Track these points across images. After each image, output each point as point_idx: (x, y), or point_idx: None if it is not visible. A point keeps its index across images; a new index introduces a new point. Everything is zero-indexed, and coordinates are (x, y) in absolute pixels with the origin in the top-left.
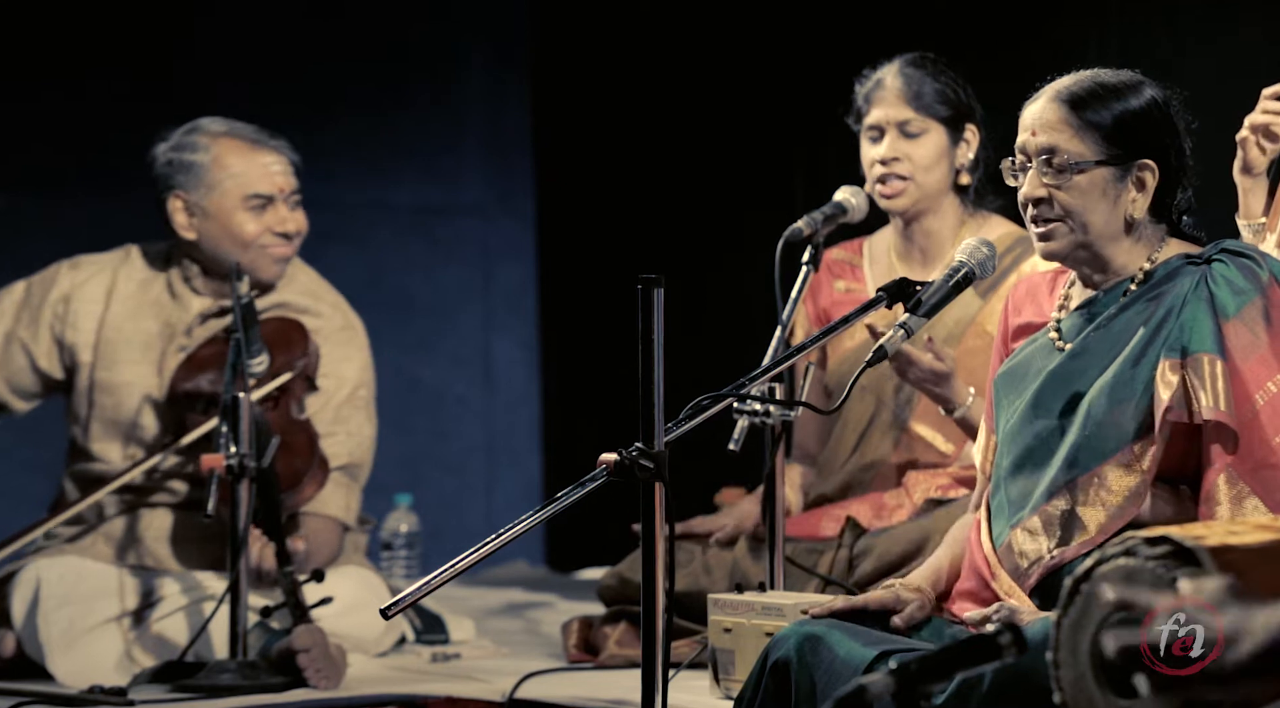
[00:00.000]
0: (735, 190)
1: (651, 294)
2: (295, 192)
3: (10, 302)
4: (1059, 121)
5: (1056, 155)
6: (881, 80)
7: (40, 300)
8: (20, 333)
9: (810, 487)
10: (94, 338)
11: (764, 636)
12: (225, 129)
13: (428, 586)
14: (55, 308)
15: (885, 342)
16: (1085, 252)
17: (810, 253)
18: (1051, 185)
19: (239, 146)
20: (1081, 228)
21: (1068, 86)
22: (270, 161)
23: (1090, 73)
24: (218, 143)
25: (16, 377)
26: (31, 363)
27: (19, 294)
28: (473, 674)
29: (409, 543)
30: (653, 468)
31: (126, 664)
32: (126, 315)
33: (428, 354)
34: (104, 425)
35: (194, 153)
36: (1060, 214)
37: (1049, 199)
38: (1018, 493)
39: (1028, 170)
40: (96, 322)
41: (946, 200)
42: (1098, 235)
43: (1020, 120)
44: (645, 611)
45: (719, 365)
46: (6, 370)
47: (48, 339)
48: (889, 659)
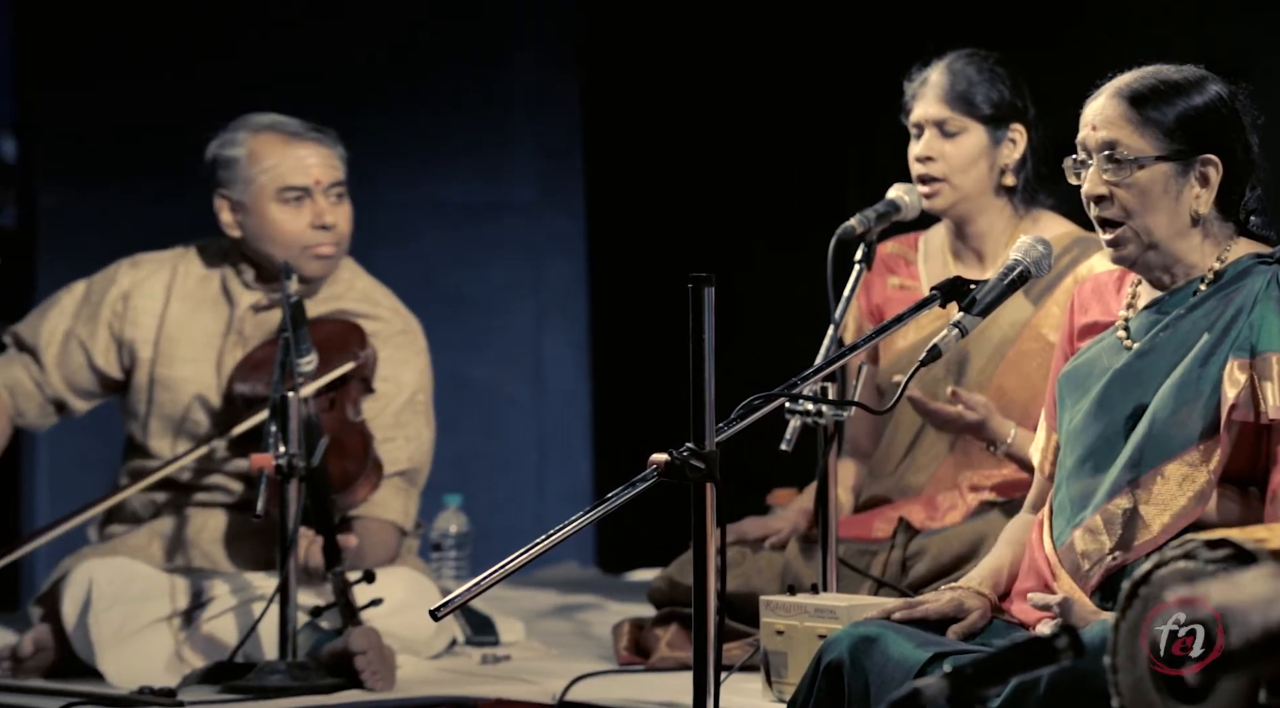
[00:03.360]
0: (787, 187)
1: (702, 292)
2: (336, 184)
3: (70, 300)
4: (1120, 117)
5: (1116, 151)
6: (927, 78)
7: (99, 299)
8: (78, 331)
9: (862, 487)
10: (154, 334)
11: (817, 638)
12: (267, 123)
13: (477, 587)
14: (114, 306)
15: (939, 340)
16: (1155, 254)
17: (863, 251)
18: (1112, 182)
19: (275, 140)
20: (1145, 230)
21: (1129, 83)
22: (306, 153)
23: (1152, 68)
24: (255, 138)
25: (75, 375)
26: (89, 361)
27: (79, 293)
28: (523, 676)
29: (459, 544)
30: (704, 468)
31: (176, 665)
32: (186, 313)
33: (477, 353)
34: (162, 422)
35: (233, 148)
36: (1121, 214)
37: (1110, 196)
38: (1079, 492)
39: (1089, 167)
40: (156, 318)
41: (992, 201)
42: (1163, 235)
43: (1081, 116)
44: (696, 613)
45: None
46: (65, 369)
47: (105, 337)
48: (943, 662)
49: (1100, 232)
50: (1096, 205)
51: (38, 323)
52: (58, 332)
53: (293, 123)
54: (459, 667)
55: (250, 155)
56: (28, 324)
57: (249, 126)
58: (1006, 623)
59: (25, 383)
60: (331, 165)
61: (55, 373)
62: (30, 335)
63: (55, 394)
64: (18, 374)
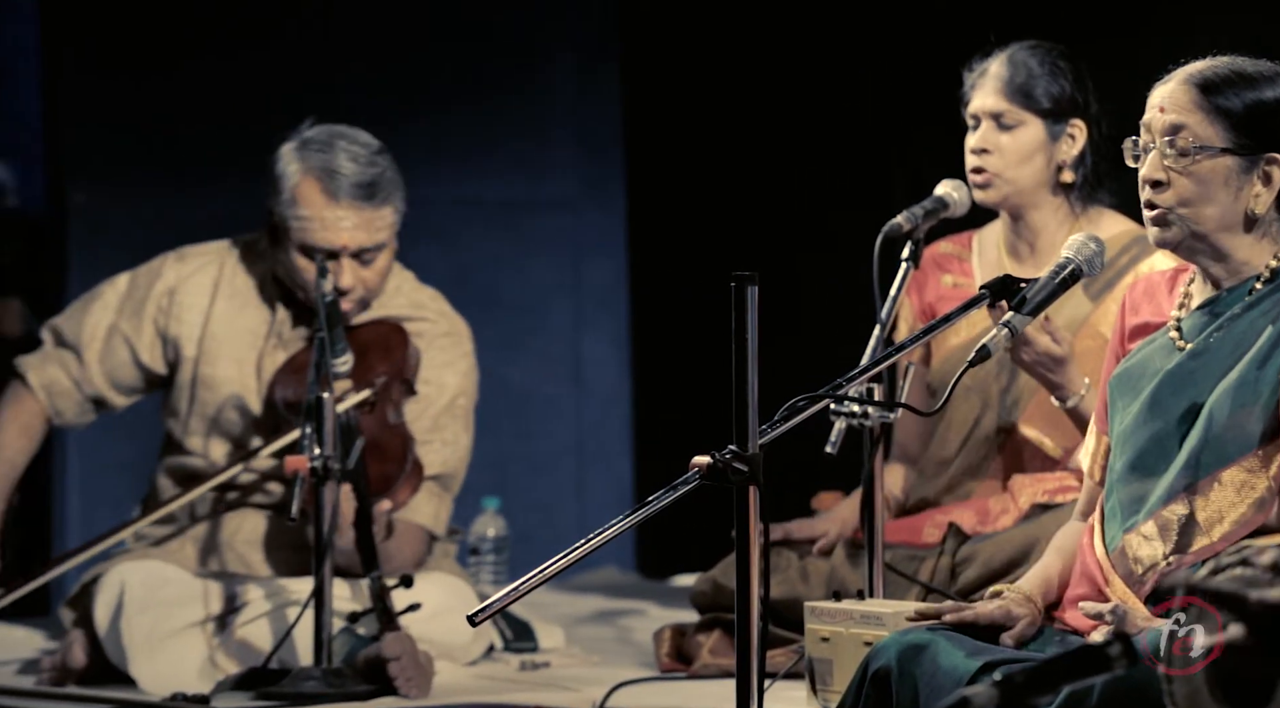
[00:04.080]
0: (832, 183)
1: (745, 291)
2: (370, 249)
3: (114, 294)
4: (1189, 103)
5: (1181, 135)
6: (986, 68)
7: (144, 293)
8: (123, 326)
9: (911, 490)
10: (199, 332)
11: (863, 645)
12: (317, 165)
13: (516, 592)
14: (159, 301)
15: (989, 340)
16: (1201, 243)
17: (910, 249)
18: (1172, 168)
19: (317, 192)
20: (1194, 219)
21: (1201, 70)
22: (343, 216)
23: (1227, 58)
24: (302, 180)
25: (118, 371)
26: (134, 356)
27: (122, 286)
28: (562, 683)
29: (497, 548)
30: (747, 471)
31: (210, 671)
32: (232, 312)
33: (516, 353)
34: (202, 421)
35: (286, 172)
36: (1174, 200)
37: (1167, 182)
38: (1131, 496)
39: (1149, 151)
40: (202, 315)
41: (1048, 197)
42: (1214, 227)
43: (1148, 99)
44: (740, 619)
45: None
46: (108, 364)
47: (151, 332)
48: (993, 670)
49: (1145, 211)
50: (1151, 189)
51: (79, 318)
52: (101, 326)
53: (345, 177)
54: (497, 673)
55: (291, 194)
56: (68, 319)
57: (306, 160)
58: (1058, 631)
59: (63, 381)
60: (372, 229)
61: (97, 369)
62: (72, 331)
63: (95, 391)
64: (54, 373)
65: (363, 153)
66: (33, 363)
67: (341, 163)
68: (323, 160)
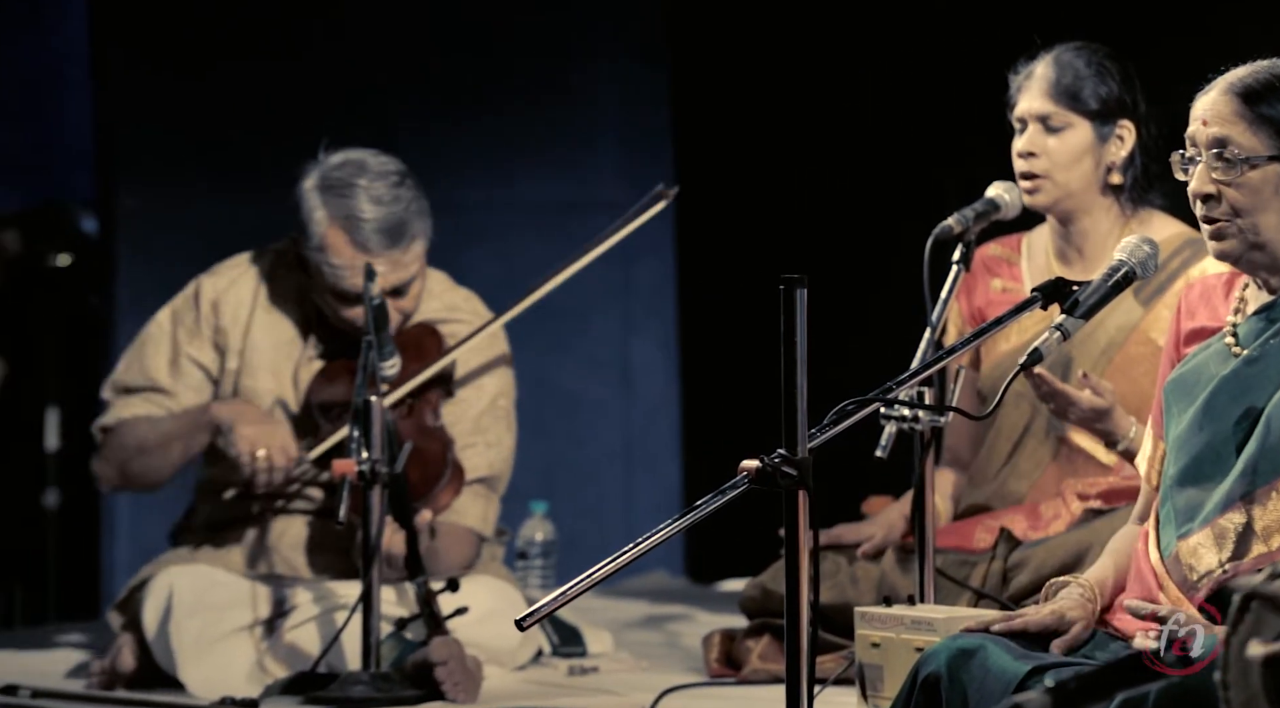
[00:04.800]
0: (882, 184)
1: (794, 294)
2: (404, 284)
3: (162, 329)
4: (1232, 114)
5: (1227, 148)
6: (1032, 71)
7: (194, 314)
8: (187, 349)
9: (962, 495)
10: (240, 343)
11: (913, 651)
12: (345, 215)
13: (564, 596)
14: (208, 318)
15: (1040, 344)
16: (1260, 254)
17: (961, 251)
18: (1221, 181)
19: (343, 244)
20: (1252, 229)
21: (1242, 78)
22: (374, 264)
23: (1268, 63)
24: (330, 228)
25: (199, 392)
26: (206, 375)
27: (166, 320)
28: (611, 689)
29: (545, 552)
30: (796, 475)
31: (258, 675)
32: (270, 322)
33: (563, 356)
34: None
35: (312, 215)
36: (1229, 212)
37: (1218, 195)
38: (1186, 503)
39: (1197, 163)
40: (243, 327)
41: (1098, 200)
42: (1272, 235)
43: (1191, 111)
44: (789, 624)
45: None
46: (188, 390)
47: (210, 349)
48: (1045, 676)
49: (1203, 225)
50: (1203, 204)
51: (138, 363)
52: (163, 360)
53: (371, 225)
54: (545, 678)
55: (320, 241)
56: (128, 370)
57: (331, 206)
58: (1109, 635)
59: (155, 411)
60: (401, 267)
61: (182, 396)
62: (138, 378)
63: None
64: (143, 406)
65: (384, 191)
66: (113, 414)
67: (364, 208)
68: (346, 207)
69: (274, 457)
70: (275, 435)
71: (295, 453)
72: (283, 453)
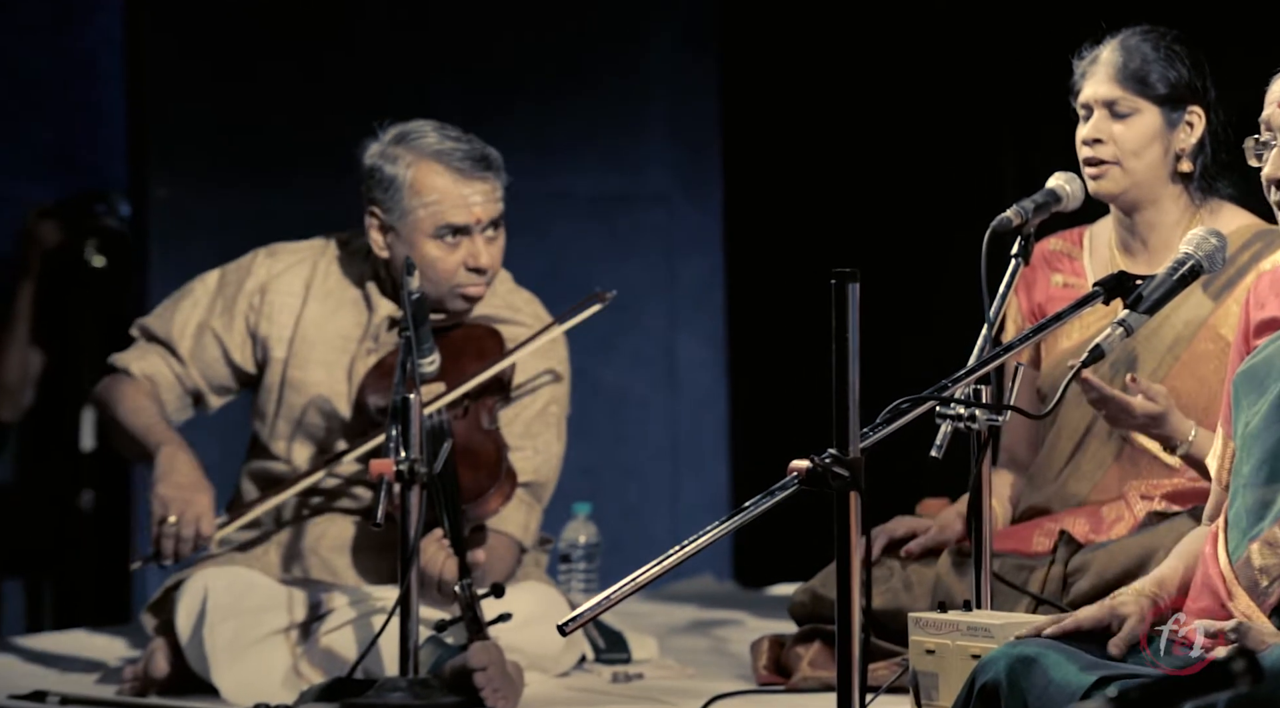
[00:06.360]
0: (937, 176)
1: (846, 289)
2: (495, 221)
3: (203, 290)
4: None
5: None
6: (1098, 55)
7: (235, 290)
8: (214, 323)
9: (1020, 497)
10: (290, 333)
11: (970, 658)
12: (432, 150)
13: (608, 601)
14: (251, 299)
15: (1102, 340)
16: None
17: (1020, 245)
18: None
19: (441, 173)
20: None
21: None
22: (470, 192)
23: None
24: (419, 165)
25: (210, 368)
26: (225, 354)
27: (212, 283)
28: (656, 696)
29: (588, 555)
30: (848, 476)
31: (293, 680)
32: (325, 314)
33: (608, 353)
34: (289, 425)
35: (394, 167)
36: None
37: None
38: (1256, 502)
39: (1272, 148)
40: (294, 317)
41: (1165, 189)
42: None
43: (1267, 94)
44: (840, 630)
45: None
46: (200, 363)
47: (242, 330)
48: (1108, 686)
49: (1277, 212)
50: (1277, 190)
51: (169, 315)
52: (190, 324)
53: (459, 153)
54: (588, 685)
55: (411, 184)
56: (158, 317)
57: (415, 148)
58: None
59: (165, 373)
60: (494, 200)
61: (192, 366)
62: (161, 329)
63: (194, 386)
64: (156, 363)
65: (458, 132)
66: (131, 356)
67: (448, 144)
68: (429, 145)
69: (183, 527)
70: (193, 504)
71: (210, 528)
72: (193, 524)
